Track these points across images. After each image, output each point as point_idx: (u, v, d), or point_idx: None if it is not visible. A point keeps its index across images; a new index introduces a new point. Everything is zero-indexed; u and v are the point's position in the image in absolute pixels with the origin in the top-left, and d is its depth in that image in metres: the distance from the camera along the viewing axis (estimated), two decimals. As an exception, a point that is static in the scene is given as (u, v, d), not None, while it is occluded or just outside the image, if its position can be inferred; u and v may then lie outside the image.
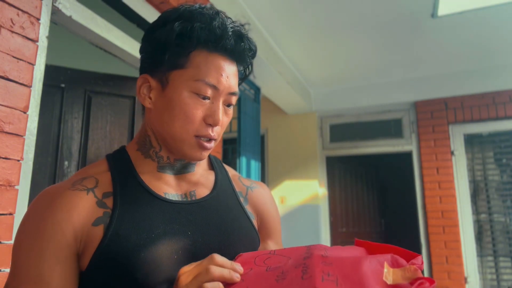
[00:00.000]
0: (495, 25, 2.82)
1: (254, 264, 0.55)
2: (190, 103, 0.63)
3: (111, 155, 0.70)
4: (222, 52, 0.65)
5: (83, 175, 0.65)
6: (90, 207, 0.60)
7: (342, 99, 4.21)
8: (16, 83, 1.24)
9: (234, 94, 0.67)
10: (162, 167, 0.69)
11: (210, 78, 0.63)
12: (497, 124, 3.61)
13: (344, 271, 0.47)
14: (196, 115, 0.64)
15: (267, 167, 4.37)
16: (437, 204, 3.67)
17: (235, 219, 0.70)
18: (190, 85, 0.63)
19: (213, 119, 0.64)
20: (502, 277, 3.49)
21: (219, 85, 0.64)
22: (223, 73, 0.64)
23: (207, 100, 0.64)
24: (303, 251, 0.54)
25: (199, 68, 0.63)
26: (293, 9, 2.64)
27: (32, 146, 1.31)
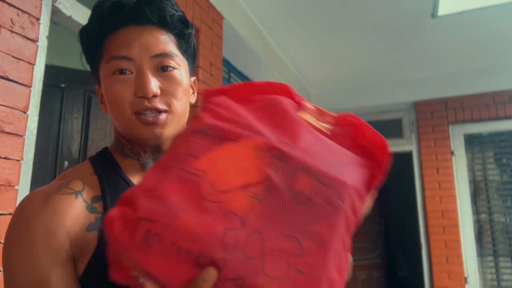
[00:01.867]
0: (495, 25, 2.82)
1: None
2: (112, 84, 0.61)
3: (94, 157, 0.68)
4: (128, 25, 0.62)
5: (68, 178, 0.61)
6: (81, 211, 0.56)
7: (342, 99, 4.21)
8: (16, 83, 1.24)
9: (161, 55, 0.61)
10: (145, 164, 0.66)
11: (119, 51, 0.60)
12: (497, 124, 3.61)
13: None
14: (122, 93, 0.60)
15: (267, 167, 4.37)
16: (437, 204, 3.67)
17: None
18: (107, 69, 0.61)
19: (141, 90, 0.59)
20: (502, 277, 3.49)
21: (130, 54, 0.60)
22: (133, 41, 0.60)
23: (128, 74, 0.60)
24: None
25: (109, 49, 0.62)
26: (293, 9, 2.64)
27: (32, 146, 1.31)
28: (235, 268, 0.35)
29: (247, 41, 2.62)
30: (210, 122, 0.46)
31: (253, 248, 0.36)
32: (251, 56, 2.83)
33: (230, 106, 0.49)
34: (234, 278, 0.35)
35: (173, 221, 0.37)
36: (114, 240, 0.38)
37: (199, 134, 0.45)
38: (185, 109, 0.65)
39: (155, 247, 0.36)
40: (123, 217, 0.38)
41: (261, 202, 0.39)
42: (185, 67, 0.66)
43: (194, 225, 0.37)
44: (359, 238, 4.48)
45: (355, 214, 0.45)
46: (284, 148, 0.43)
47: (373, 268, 4.49)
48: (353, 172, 0.46)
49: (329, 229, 0.40)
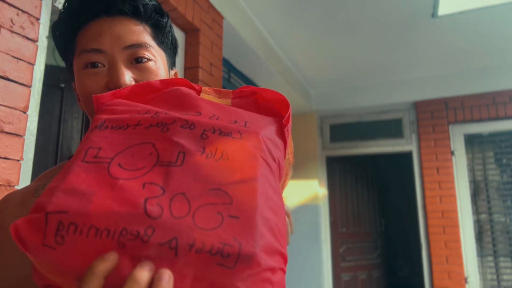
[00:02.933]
0: (495, 25, 2.82)
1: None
2: (83, 78, 0.58)
3: (71, 157, 0.66)
4: (99, 18, 0.59)
5: (45, 179, 0.60)
6: None
7: (342, 99, 4.21)
8: (16, 83, 1.24)
9: (134, 46, 0.58)
10: None
11: (89, 44, 0.58)
12: (497, 124, 3.61)
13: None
14: (94, 86, 0.57)
15: (267, 167, 4.36)
16: (437, 204, 3.67)
17: None
18: (78, 64, 0.59)
19: (113, 82, 0.56)
20: (502, 277, 3.49)
21: (101, 46, 0.57)
22: (104, 33, 0.58)
23: (100, 67, 0.57)
24: None
25: (81, 42, 0.59)
26: (293, 9, 2.64)
27: (32, 146, 1.31)
28: (165, 231, 0.33)
29: (247, 41, 2.62)
30: (107, 117, 0.44)
31: (180, 209, 0.35)
32: (251, 56, 2.84)
33: (126, 102, 0.48)
34: (167, 240, 0.33)
35: (86, 205, 0.34)
36: (24, 247, 0.34)
37: (98, 129, 0.43)
38: None
39: (71, 238, 0.33)
40: (29, 220, 0.34)
41: (178, 168, 0.38)
42: (162, 59, 0.63)
43: (111, 203, 0.34)
44: (359, 238, 4.48)
45: (275, 160, 0.44)
46: (188, 118, 0.43)
47: (373, 268, 4.49)
48: (261, 125, 0.46)
49: (253, 175, 0.39)
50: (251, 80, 3.35)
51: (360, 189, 4.65)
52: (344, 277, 4.20)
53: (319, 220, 4.10)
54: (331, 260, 4.14)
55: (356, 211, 4.53)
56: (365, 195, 4.68)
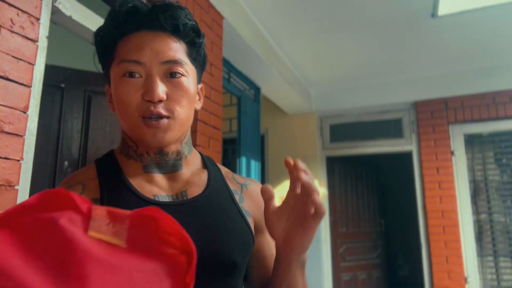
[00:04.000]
0: (495, 25, 2.82)
1: None
2: (121, 86, 0.63)
3: (100, 159, 0.70)
4: (142, 30, 0.64)
5: (70, 183, 0.64)
6: None
7: (342, 99, 4.21)
8: (16, 83, 1.24)
9: (171, 62, 0.63)
10: (147, 166, 0.67)
11: (130, 55, 0.62)
12: (497, 124, 3.61)
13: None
14: (130, 96, 0.62)
15: (267, 167, 4.37)
16: (437, 204, 3.67)
17: (228, 218, 0.68)
18: (118, 71, 0.63)
19: (149, 94, 0.61)
20: (502, 277, 3.49)
21: (141, 58, 0.62)
22: (145, 46, 0.62)
23: (137, 77, 0.62)
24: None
25: (121, 51, 0.64)
26: (293, 9, 2.64)
27: (32, 146, 1.31)
28: None
29: (247, 41, 2.62)
30: None
31: None
32: (251, 56, 2.84)
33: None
34: None
35: None
36: None
37: None
38: (188, 115, 0.67)
39: None
40: None
41: None
42: (193, 75, 0.68)
43: None
44: (359, 238, 4.48)
45: None
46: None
47: (373, 268, 4.49)
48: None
49: None
50: (251, 80, 3.36)
51: (360, 189, 4.65)
52: (344, 277, 4.20)
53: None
54: (331, 260, 4.14)
55: (356, 211, 4.53)
56: (365, 195, 4.68)
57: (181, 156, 0.70)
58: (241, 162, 3.03)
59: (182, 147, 0.70)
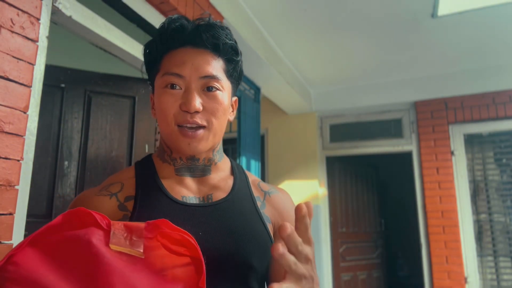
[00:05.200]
0: (495, 25, 2.82)
1: None
2: (162, 96, 0.69)
3: (139, 162, 0.77)
4: (185, 46, 0.71)
5: (112, 181, 0.72)
6: (112, 210, 0.65)
7: (342, 99, 4.21)
8: (16, 83, 1.24)
9: (208, 77, 0.69)
10: (179, 170, 0.74)
11: (173, 68, 0.69)
12: (497, 124, 3.61)
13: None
14: (169, 105, 0.68)
15: (267, 167, 4.37)
16: (437, 204, 3.67)
17: (248, 222, 0.71)
18: (161, 82, 0.70)
19: (186, 105, 0.67)
20: (502, 277, 3.49)
21: (182, 72, 0.68)
22: (186, 61, 0.69)
23: (177, 89, 0.69)
24: None
25: (166, 65, 0.71)
26: (293, 9, 2.64)
27: (32, 146, 1.31)
28: None
29: (247, 41, 2.62)
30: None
31: None
32: (251, 56, 2.84)
33: (29, 277, 0.44)
34: None
35: None
36: None
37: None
38: (221, 126, 0.73)
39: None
40: None
41: None
42: (228, 89, 0.74)
43: None
44: (359, 238, 4.48)
45: None
46: None
47: (373, 268, 4.49)
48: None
49: None
50: (251, 80, 3.36)
51: (360, 189, 4.66)
52: (344, 277, 4.20)
53: (319, 220, 4.10)
54: (331, 260, 4.14)
55: (356, 211, 4.53)
56: (365, 195, 4.68)
57: (211, 163, 0.76)
58: (241, 162, 3.03)
59: (213, 155, 0.76)
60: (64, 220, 0.50)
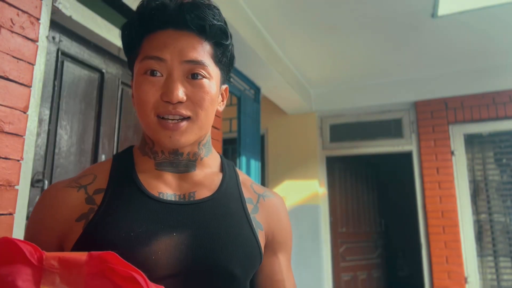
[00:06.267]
0: (495, 25, 2.82)
1: None
2: (142, 84, 0.62)
3: (118, 153, 0.71)
4: (167, 28, 0.63)
5: (85, 172, 0.67)
6: (78, 203, 0.61)
7: (342, 99, 4.21)
8: (16, 83, 1.24)
9: (193, 62, 0.61)
10: (160, 164, 0.67)
11: (153, 51, 0.62)
12: (497, 124, 3.61)
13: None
14: (149, 94, 0.61)
15: (267, 167, 4.37)
16: (437, 204, 3.67)
17: (233, 225, 0.64)
18: (140, 68, 0.63)
19: (168, 95, 0.60)
20: (502, 277, 3.49)
21: (163, 55, 0.61)
22: (168, 44, 0.62)
23: (158, 76, 0.61)
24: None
25: (145, 48, 0.63)
26: (293, 9, 2.64)
27: (32, 146, 1.31)
28: None
29: (247, 41, 2.62)
30: None
31: None
32: (251, 56, 2.84)
33: None
34: None
35: None
36: None
37: None
38: (208, 117, 0.66)
39: None
40: None
41: None
42: (216, 77, 0.66)
43: None
44: (359, 238, 4.48)
45: None
46: None
47: (373, 268, 4.49)
48: None
49: None
50: (251, 80, 3.36)
51: (360, 189, 4.66)
52: (344, 277, 4.20)
53: (319, 220, 4.10)
54: (331, 260, 4.14)
55: (356, 211, 4.53)
56: (365, 195, 4.68)
57: (196, 158, 0.69)
58: (241, 162, 3.03)
59: (199, 149, 0.69)
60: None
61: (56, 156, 1.55)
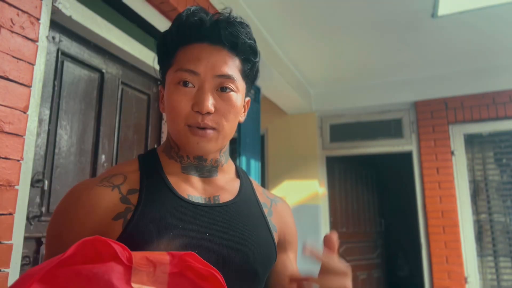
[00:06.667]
0: (495, 25, 2.82)
1: None
2: (174, 93, 0.66)
3: (142, 155, 0.74)
4: (202, 42, 0.67)
5: (113, 172, 0.68)
6: (113, 202, 0.62)
7: (342, 99, 4.21)
8: (16, 83, 1.24)
9: (223, 76, 0.66)
10: (186, 168, 0.71)
11: (188, 64, 0.66)
12: (497, 124, 3.61)
13: None
14: (181, 104, 0.65)
15: (267, 167, 4.37)
16: (437, 204, 3.67)
17: (255, 227, 0.70)
18: (173, 78, 0.67)
19: (198, 105, 0.64)
20: (502, 277, 3.49)
21: (197, 69, 0.65)
22: (202, 58, 0.66)
23: (190, 87, 0.66)
24: None
25: (180, 59, 0.67)
26: (293, 9, 2.64)
27: (32, 146, 1.31)
28: None
29: (247, 41, 2.62)
30: None
31: None
32: (251, 56, 2.84)
33: None
34: None
35: None
36: None
37: None
38: (232, 129, 0.70)
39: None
40: None
41: None
42: (242, 90, 0.71)
43: None
44: (359, 238, 4.48)
45: None
46: None
47: (373, 268, 4.49)
48: None
49: None
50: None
51: (360, 189, 4.66)
52: (344, 277, 4.20)
53: (319, 220, 4.10)
54: (331, 260, 4.13)
55: (356, 211, 4.53)
56: (365, 195, 4.68)
57: (218, 164, 0.74)
58: (241, 162, 3.03)
59: (220, 156, 0.74)
60: (78, 250, 0.44)
61: (56, 156, 1.55)
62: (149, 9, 1.92)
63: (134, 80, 2.04)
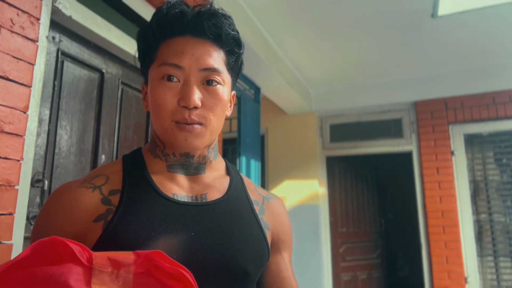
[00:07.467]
0: (495, 25, 2.82)
1: None
2: (158, 89, 0.64)
3: (127, 155, 0.72)
4: (185, 35, 0.65)
5: (96, 173, 0.66)
6: (94, 204, 0.61)
7: (342, 99, 4.21)
8: (16, 83, 1.24)
9: (209, 69, 0.64)
10: (171, 166, 0.69)
11: (171, 58, 0.64)
12: (497, 124, 3.61)
13: None
14: (166, 99, 0.63)
15: (267, 167, 4.37)
16: (437, 204, 3.67)
17: (245, 225, 0.68)
18: (157, 73, 0.65)
19: (185, 100, 0.62)
20: (502, 277, 3.49)
21: (181, 63, 0.63)
22: (186, 51, 0.64)
23: (175, 81, 0.63)
24: None
25: (163, 54, 0.65)
26: (293, 9, 2.64)
27: (32, 146, 1.31)
28: None
29: (247, 41, 2.62)
30: None
31: None
32: (251, 56, 2.84)
33: None
34: None
35: None
36: None
37: None
38: (219, 123, 0.69)
39: None
40: None
41: None
42: (228, 83, 0.69)
43: None
44: (359, 238, 4.48)
45: None
46: None
47: (373, 268, 4.49)
48: None
49: None
50: (251, 80, 3.36)
51: (360, 189, 4.66)
52: (344, 277, 4.20)
53: (319, 220, 4.10)
54: (331, 260, 4.14)
55: (356, 211, 4.53)
56: (365, 195, 4.68)
57: (206, 161, 0.72)
58: (241, 162, 3.03)
59: (208, 152, 0.72)
60: (34, 251, 0.42)
61: (56, 156, 1.55)
62: (149, 9, 1.92)
63: (134, 80, 2.04)
